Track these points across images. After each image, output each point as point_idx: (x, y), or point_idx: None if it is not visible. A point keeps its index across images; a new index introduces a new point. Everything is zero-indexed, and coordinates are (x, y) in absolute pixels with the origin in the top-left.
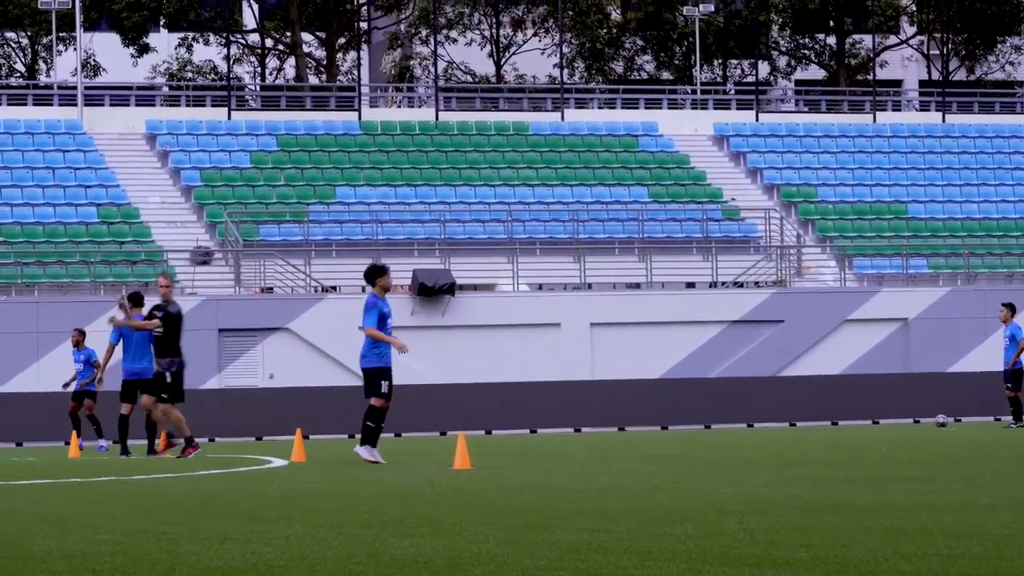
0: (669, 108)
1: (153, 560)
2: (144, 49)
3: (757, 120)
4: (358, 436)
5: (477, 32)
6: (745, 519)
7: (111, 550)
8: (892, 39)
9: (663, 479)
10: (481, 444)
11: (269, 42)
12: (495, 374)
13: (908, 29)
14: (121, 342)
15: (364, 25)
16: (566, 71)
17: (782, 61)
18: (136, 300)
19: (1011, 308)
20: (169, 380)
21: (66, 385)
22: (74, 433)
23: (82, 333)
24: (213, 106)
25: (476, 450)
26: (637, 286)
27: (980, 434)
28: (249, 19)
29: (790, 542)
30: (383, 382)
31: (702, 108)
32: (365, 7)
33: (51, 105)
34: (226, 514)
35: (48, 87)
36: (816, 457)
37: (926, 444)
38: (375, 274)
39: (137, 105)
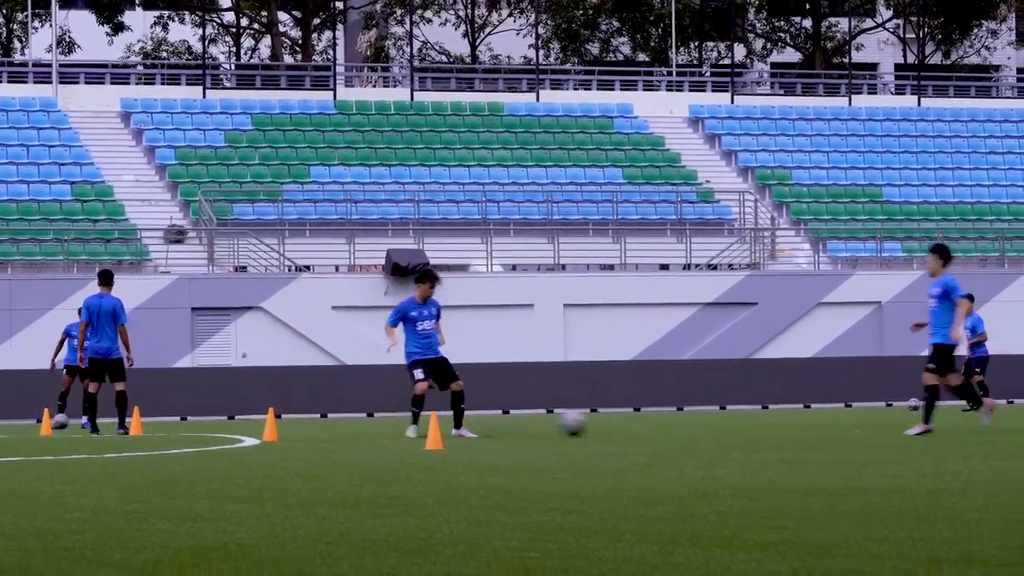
0: (644, 90)
1: (124, 538)
2: (119, 27)
3: (732, 102)
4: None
5: (452, 12)
6: (716, 501)
7: (82, 528)
8: (868, 22)
9: (635, 461)
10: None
11: (244, 21)
12: (468, 354)
13: (884, 12)
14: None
15: (340, 5)
16: (542, 52)
17: (758, 44)
18: (105, 278)
19: (970, 299)
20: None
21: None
22: (46, 411)
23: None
24: (188, 85)
25: (448, 431)
26: (611, 267)
27: (952, 418)
28: None
29: (761, 525)
30: (414, 371)
31: (677, 90)
32: None
33: (26, 82)
34: (197, 493)
35: (23, 64)
36: (788, 440)
37: (898, 427)
38: (419, 279)
39: (112, 83)
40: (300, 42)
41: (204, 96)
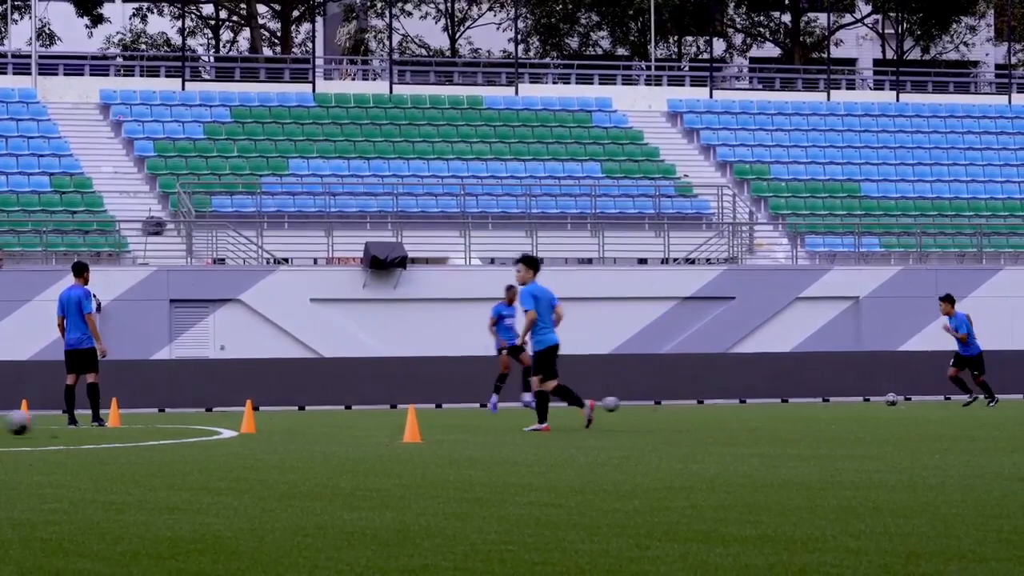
0: (623, 84)
1: (101, 529)
2: (98, 19)
3: (711, 97)
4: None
5: (432, 6)
6: (693, 495)
7: (59, 519)
8: (847, 18)
9: (612, 454)
10: (431, 417)
11: (224, 13)
12: (446, 347)
13: (863, 8)
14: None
15: None
16: (521, 46)
17: (737, 39)
18: (75, 269)
19: (950, 300)
20: None
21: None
22: (24, 402)
23: None
24: (167, 77)
25: (426, 423)
26: (589, 261)
27: (929, 413)
28: None
29: (738, 519)
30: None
31: (656, 84)
32: None
33: (5, 74)
34: (175, 484)
35: (2, 56)
36: (766, 434)
37: (876, 422)
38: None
39: (91, 75)
40: (279, 35)
41: (183, 88)
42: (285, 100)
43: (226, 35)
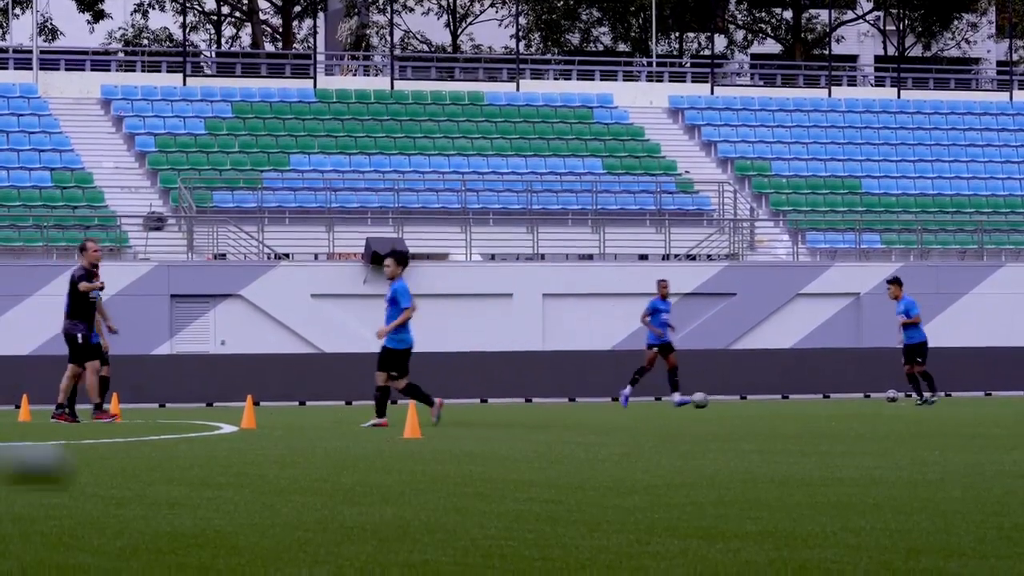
0: (624, 80)
1: (101, 524)
2: (100, 15)
3: (712, 93)
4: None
5: (434, 1)
6: (694, 492)
7: (59, 513)
8: (849, 14)
9: (613, 450)
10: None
11: (225, 9)
12: (446, 343)
13: (865, 4)
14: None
15: None
16: (522, 42)
17: (739, 35)
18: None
19: (898, 283)
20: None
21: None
22: (25, 397)
23: None
24: (168, 72)
25: (426, 419)
26: (590, 257)
27: (929, 410)
28: None
29: (738, 515)
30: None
31: (657, 81)
32: None
33: (6, 68)
34: (175, 479)
35: (3, 51)
36: (766, 431)
37: (876, 419)
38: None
39: (92, 70)
40: (281, 30)
41: (184, 83)
42: (286, 95)
43: (228, 31)
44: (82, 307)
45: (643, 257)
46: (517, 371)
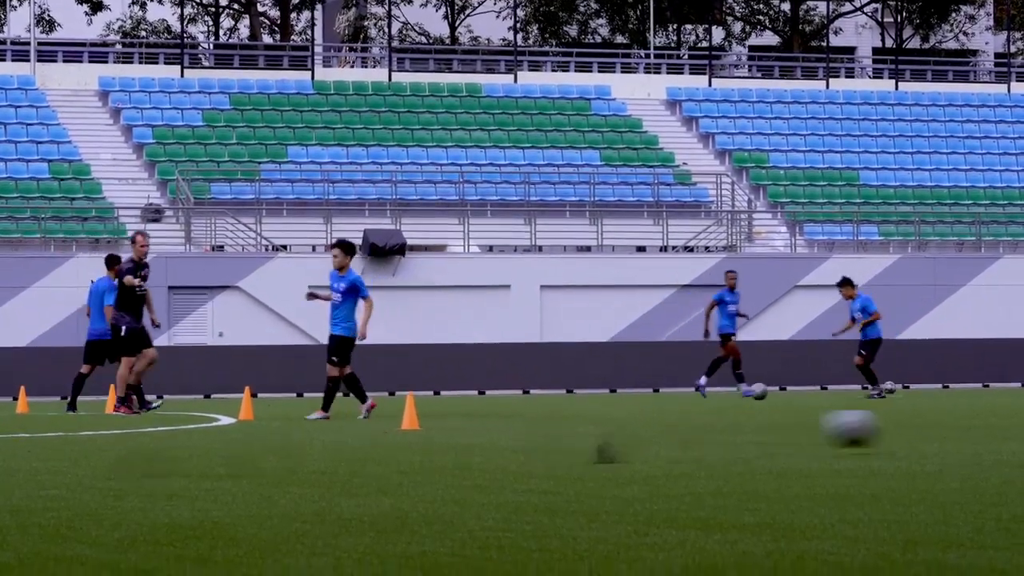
0: (622, 72)
1: (99, 516)
2: (98, 6)
3: (710, 85)
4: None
5: None
6: (692, 483)
7: (57, 505)
8: (846, 6)
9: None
10: (429, 405)
11: (224, 0)
12: (444, 335)
13: None
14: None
15: None
16: (520, 34)
17: (736, 26)
18: (110, 262)
19: (850, 283)
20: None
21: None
22: (22, 388)
23: None
24: (166, 64)
25: (424, 411)
26: (588, 249)
27: (927, 401)
28: None
29: (736, 506)
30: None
31: (655, 72)
32: None
33: (4, 60)
34: (173, 471)
35: (1, 42)
36: (764, 422)
37: (873, 410)
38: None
39: (90, 62)
40: (279, 22)
41: (182, 75)
42: (284, 87)
43: (226, 22)
44: (128, 299)
45: (641, 249)
46: (515, 363)
